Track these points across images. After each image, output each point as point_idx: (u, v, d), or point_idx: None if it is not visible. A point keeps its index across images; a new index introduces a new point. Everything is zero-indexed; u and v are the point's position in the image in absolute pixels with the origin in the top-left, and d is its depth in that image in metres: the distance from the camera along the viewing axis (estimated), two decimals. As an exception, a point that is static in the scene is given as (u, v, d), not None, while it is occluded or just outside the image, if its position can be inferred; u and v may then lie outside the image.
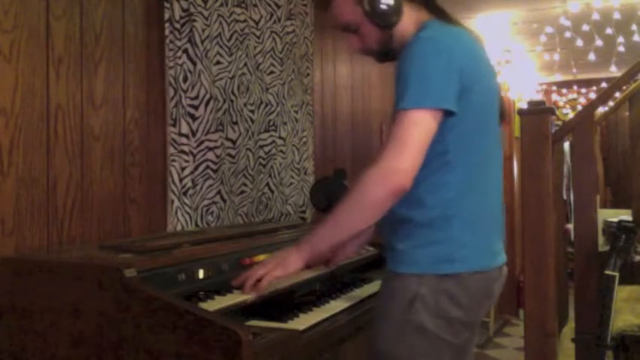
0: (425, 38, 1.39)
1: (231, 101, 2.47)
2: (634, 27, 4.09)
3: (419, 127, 1.33)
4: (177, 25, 2.21)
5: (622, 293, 2.72)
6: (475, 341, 1.56)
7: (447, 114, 1.36)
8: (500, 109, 1.55)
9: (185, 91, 2.22)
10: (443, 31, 1.43)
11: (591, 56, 4.29)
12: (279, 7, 2.81)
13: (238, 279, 1.53)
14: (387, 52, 1.54)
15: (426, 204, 1.41)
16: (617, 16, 3.88)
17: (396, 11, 1.46)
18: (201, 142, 2.28)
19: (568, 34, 4.21)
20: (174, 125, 2.21)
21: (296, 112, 2.95)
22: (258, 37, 2.67)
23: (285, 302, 1.67)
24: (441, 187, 1.41)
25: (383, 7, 1.45)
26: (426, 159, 1.36)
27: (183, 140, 2.21)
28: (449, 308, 1.39)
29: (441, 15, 1.52)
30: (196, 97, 2.26)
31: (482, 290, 1.45)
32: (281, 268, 1.48)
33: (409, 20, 1.48)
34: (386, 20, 1.47)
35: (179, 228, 2.18)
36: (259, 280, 1.49)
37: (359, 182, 1.37)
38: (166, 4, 2.19)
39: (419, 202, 1.41)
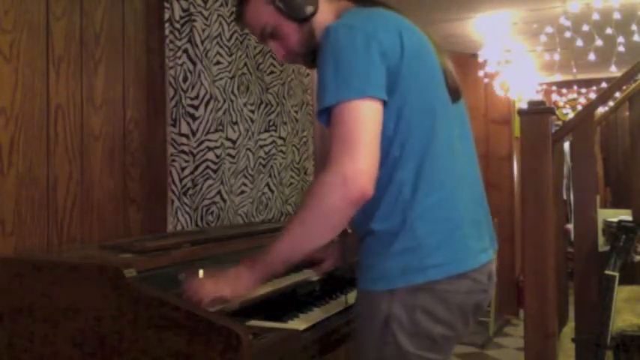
0: (336, 27, 1.26)
1: (231, 101, 2.47)
2: (634, 27, 4.08)
3: (362, 119, 1.18)
4: (177, 25, 2.21)
5: (622, 293, 2.72)
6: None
7: (380, 103, 1.22)
8: (451, 87, 1.36)
9: (185, 91, 2.22)
10: (358, 16, 1.31)
11: (591, 56, 4.28)
12: (279, 7, 2.81)
13: (187, 291, 1.40)
14: (314, 53, 1.38)
15: (382, 210, 1.26)
16: (617, 16, 3.88)
17: (309, 0, 1.37)
18: (201, 142, 2.28)
19: (568, 34, 4.21)
20: (174, 125, 2.21)
21: (296, 112, 2.95)
22: (258, 37, 2.67)
23: (285, 302, 1.67)
24: (394, 189, 1.25)
25: None
26: None
27: (183, 140, 2.21)
28: (428, 326, 1.24)
29: (362, 1, 1.40)
30: (196, 97, 2.26)
31: (464, 299, 1.28)
32: (230, 289, 1.36)
33: (328, 13, 1.39)
34: (301, 11, 1.37)
35: (179, 228, 2.18)
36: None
37: (312, 192, 1.22)
38: (166, 4, 2.19)
39: (374, 209, 1.26)
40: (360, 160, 1.16)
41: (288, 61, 1.50)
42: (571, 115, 6.76)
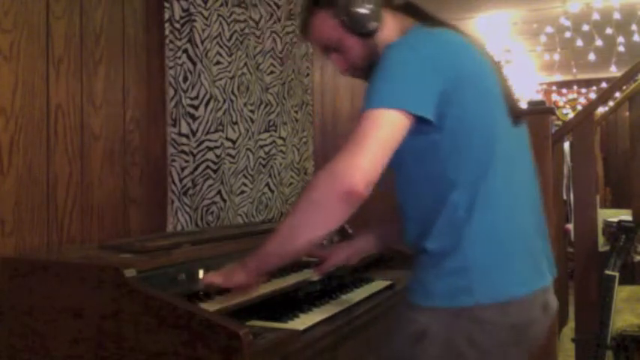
0: (397, 44, 1.29)
1: (231, 101, 2.47)
2: (634, 27, 4.09)
3: (379, 125, 1.19)
4: (177, 25, 2.21)
5: (622, 293, 2.72)
6: None
7: (424, 123, 1.23)
8: (511, 109, 1.35)
9: (185, 91, 2.22)
10: (418, 35, 1.33)
11: (591, 56, 4.29)
12: (279, 7, 2.81)
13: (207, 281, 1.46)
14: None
15: (436, 229, 1.27)
16: (617, 16, 3.88)
17: (373, 16, 1.38)
18: (201, 142, 2.28)
19: (568, 34, 4.22)
20: (174, 125, 2.21)
21: (296, 112, 2.95)
22: (258, 37, 2.67)
23: (285, 302, 1.67)
24: (448, 210, 1.26)
25: (359, 12, 1.37)
26: (426, 180, 1.28)
27: (183, 140, 2.21)
28: (465, 350, 1.23)
29: (427, 19, 1.41)
30: (196, 97, 2.26)
31: (506, 329, 1.24)
32: (222, 277, 1.41)
33: (393, 29, 1.40)
34: (364, 26, 1.38)
35: (179, 228, 2.18)
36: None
37: (308, 187, 1.23)
38: (166, 4, 2.19)
39: (429, 228, 1.28)
40: (359, 160, 1.17)
41: (349, 74, 1.51)
42: (571, 115, 6.77)
